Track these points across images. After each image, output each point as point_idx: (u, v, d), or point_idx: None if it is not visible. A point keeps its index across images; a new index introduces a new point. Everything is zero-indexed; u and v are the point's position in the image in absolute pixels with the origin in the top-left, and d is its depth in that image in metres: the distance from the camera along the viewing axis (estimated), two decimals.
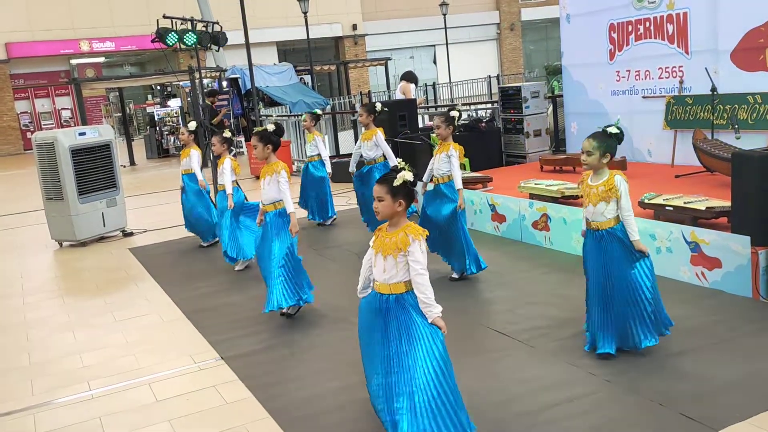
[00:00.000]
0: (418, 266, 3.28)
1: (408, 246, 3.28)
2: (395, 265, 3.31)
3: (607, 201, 4.17)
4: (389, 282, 3.35)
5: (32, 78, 29.11)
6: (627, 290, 4.20)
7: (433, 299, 3.32)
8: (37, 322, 6.13)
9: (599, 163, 4.19)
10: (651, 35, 8.95)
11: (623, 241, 4.21)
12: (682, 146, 8.56)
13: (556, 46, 16.63)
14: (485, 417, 3.69)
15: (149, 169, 18.18)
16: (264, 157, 5.43)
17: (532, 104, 10.56)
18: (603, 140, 4.18)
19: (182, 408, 4.17)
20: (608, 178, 4.19)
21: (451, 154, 5.87)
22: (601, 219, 4.22)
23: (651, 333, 4.24)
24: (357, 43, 33.52)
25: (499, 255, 6.83)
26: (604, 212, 4.20)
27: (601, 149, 4.16)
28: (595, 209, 4.22)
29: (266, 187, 5.43)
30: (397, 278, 3.33)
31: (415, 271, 3.28)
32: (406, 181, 3.31)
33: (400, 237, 3.31)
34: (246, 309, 5.86)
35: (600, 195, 4.18)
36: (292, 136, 15.02)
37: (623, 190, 4.14)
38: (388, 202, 3.32)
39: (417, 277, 3.29)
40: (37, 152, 8.95)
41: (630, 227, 4.19)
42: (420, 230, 3.33)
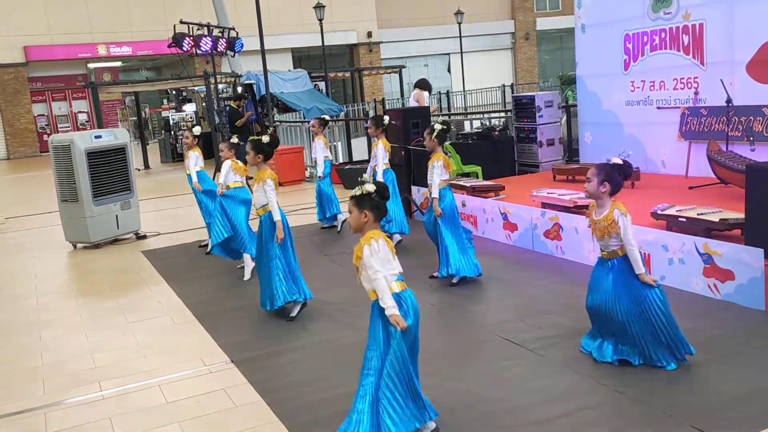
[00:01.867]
0: (370, 271, 3.41)
1: (361, 251, 3.44)
2: (363, 272, 3.47)
3: (609, 236, 4.21)
4: (369, 288, 3.49)
5: (50, 81, 29.40)
6: (639, 309, 4.20)
7: (387, 299, 3.39)
8: (50, 323, 6.18)
9: (597, 191, 4.22)
10: (666, 46, 8.93)
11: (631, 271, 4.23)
12: (697, 157, 8.52)
13: (570, 55, 16.58)
14: (494, 425, 3.69)
15: (163, 173, 18.29)
16: (254, 164, 5.70)
17: (546, 113, 10.56)
18: (603, 169, 4.21)
19: (192, 410, 4.19)
20: (608, 212, 4.20)
21: (434, 164, 6.11)
22: (609, 249, 4.28)
23: (669, 356, 4.21)
24: (371, 50, 33.63)
25: (511, 263, 6.82)
26: (610, 244, 4.25)
27: (600, 177, 4.19)
28: (602, 242, 4.29)
29: (256, 193, 5.71)
30: (369, 285, 3.47)
31: (369, 275, 3.43)
32: (368, 192, 3.42)
33: (357, 246, 3.48)
34: (257, 313, 5.88)
35: (602, 230, 4.23)
36: (306, 142, 15.09)
37: (622, 224, 4.15)
38: (355, 214, 3.49)
39: (373, 282, 3.42)
40: (53, 154, 9.04)
41: (634, 261, 4.20)
42: (372, 234, 3.44)
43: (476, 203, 8.07)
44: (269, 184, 5.59)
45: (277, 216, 5.61)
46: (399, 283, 3.48)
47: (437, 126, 6.15)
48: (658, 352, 4.20)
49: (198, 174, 8.14)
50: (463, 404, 3.79)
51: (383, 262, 3.42)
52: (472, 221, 8.10)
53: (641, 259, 4.24)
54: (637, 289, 4.21)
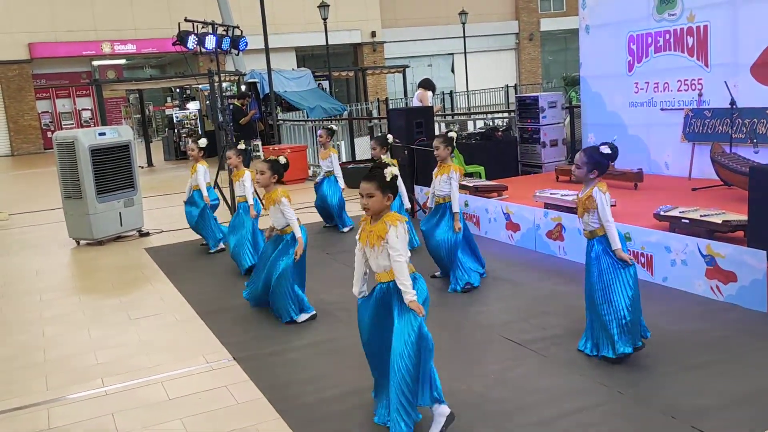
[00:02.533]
0: (394, 252, 3.45)
1: (386, 232, 3.45)
2: (382, 252, 3.50)
3: (588, 212, 4.33)
4: (386, 270, 3.53)
5: (54, 78, 29.48)
6: (606, 293, 4.30)
7: (408, 285, 3.45)
8: (53, 319, 6.20)
9: (586, 177, 4.34)
10: (671, 47, 8.92)
11: (608, 249, 4.32)
12: (700, 159, 8.52)
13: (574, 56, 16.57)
14: (496, 425, 3.69)
15: (167, 171, 18.32)
16: (266, 184, 5.56)
17: (549, 114, 10.56)
18: (592, 156, 4.32)
19: (194, 407, 4.20)
20: (588, 189, 4.33)
21: (451, 176, 6.00)
22: (588, 228, 4.40)
23: (626, 341, 4.27)
24: (375, 50, 33.64)
25: (513, 264, 6.82)
26: (589, 222, 4.37)
27: (589, 165, 4.30)
28: (583, 219, 4.42)
29: (273, 215, 5.60)
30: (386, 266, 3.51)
31: (392, 256, 3.46)
32: (393, 177, 3.50)
33: (380, 226, 3.50)
34: (259, 311, 5.89)
35: (582, 205, 4.36)
36: (309, 141, 15.11)
37: (599, 200, 4.26)
38: (379, 197, 3.50)
39: (393, 264, 3.47)
40: (57, 151, 9.06)
41: (610, 236, 4.30)
42: (397, 217, 3.50)
43: (479, 203, 8.07)
44: (284, 203, 5.47)
45: (298, 233, 5.51)
46: (411, 266, 3.55)
47: (452, 134, 6.06)
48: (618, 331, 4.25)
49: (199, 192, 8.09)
50: (466, 404, 3.80)
51: (406, 246, 3.49)
52: (475, 221, 8.10)
53: (619, 236, 4.31)
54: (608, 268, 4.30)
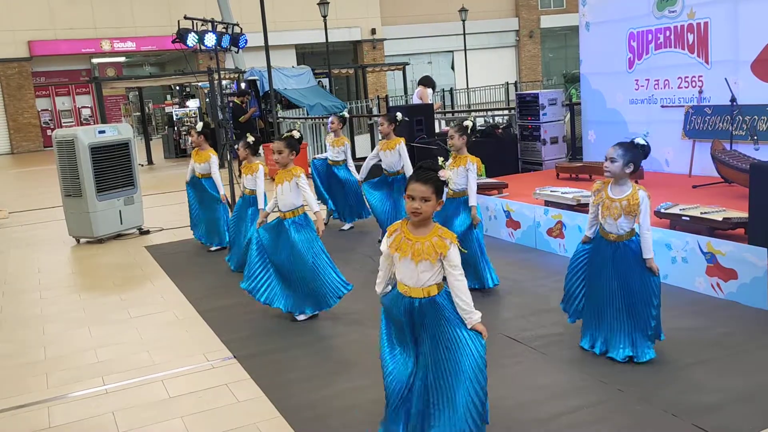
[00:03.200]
0: (457, 272, 3.21)
1: (447, 250, 3.18)
2: (430, 268, 3.21)
3: (628, 217, 4.16)
4: (424, 285, 3.23)
5: (53, 76, 29.45)
6: (645, 293, 4.22)
7: (472, 305, 3.25)
8: (54, 317, 6.20)
9: (622, 171, 4.17)
10: (671, 44, 8.91)
11: (638, 254, 4.22)
12: (700, 156, 8.51)
13: (574, 53, 16.57)
14: (497, 423, 3.69)
15: (167, 169, 18.32)
16: (286, 163, 5.37)
17: (550, 112, 10.54)
18: (629, 150, 4.17)
19: (194, 405, 4.20)
20: (632, 192, 4.15)
21: (468, 168, 5.74)
22: (620, 231, 4.22)
23: (650, 346, 4.27)
24: (375, 47, 33.62)
25: (514, 262, 6.82)
26: (621, 226, 4.20)
27: (626, 158, 4.14)
28: (616, 223, 4.21)
29: (285, 193, 5.37)
30: (432, 281, 3.23)
31: (453, 276, 3.22)
32: (444, 180, 3.21)
33: (435, 241, 3.19)
34: (260, 309, 5.89)
35: (623, 209, 4.16)
36: (309, 138, 15.10)
37: (644, 207, 4.12)
38: (433, 202, 3.18)
39: (456, 283, 3.22)
40: (57, 149, 9.06)
41: (646, 245, 4.17)
42: (453, 234, 3.26)
43: (479, 201, 8.03)
44: (303, 179, 5.31)
45: (315, 207, 5.35)
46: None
47: (468, 123, 5.79)
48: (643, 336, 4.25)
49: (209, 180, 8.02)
50: None
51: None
52: None
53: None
54: (642, 270, 4.21)
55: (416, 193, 3.17)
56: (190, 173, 8.21)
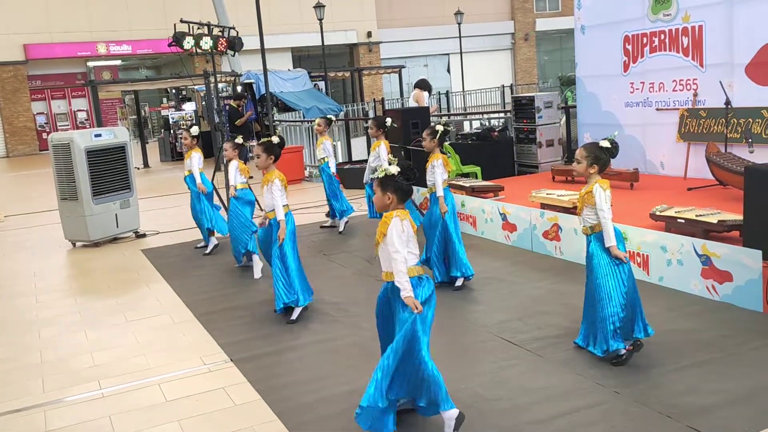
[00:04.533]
0: (391, 248, 3.52)
1: (386, 227, 3.53)
2: (384, 250, 3.59)
3: (586, 207, 4.37)
4: (387, 270, 3.61)
5: (49, 79, 29.38)
6: (600, 290, 4.34)
7: (403, 281, 3.49)
8: (50, 321, 6.19)
9: (586, 171, 4.38)
10: (666, 48, 8.95)
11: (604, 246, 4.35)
12: (695, 159, 8.55)
13: (570, 56, 16.62)
14: (493, 425, 3.70)
15: (163, 172, 18.30)
16: (265, 166, 5.66)
17: (545, 114, 10.58)
18: (592, 151, 4.36)
19: (191, 409, 4.20)
20: (589, 185, 4.36)
21: (434, 164, 6.12)
22: (586, 224, 4.44)
23: (619, 338, 4.31)
24: (371, 50, 33.63)
25: (510, 264, 6.83)
26: (587, 218, 4.41)
27: (589, 159, 4.35)
28: (582, 216, 4.45)
29: (265, 195, 5.69)
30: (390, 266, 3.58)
31: (390, 253, 3.53)
32: (391, 174, 3.55)
33: (381, 224, 3.57)
34: (256, 312, 5.90)
35: (582, 200, 4.40)
36: (305, 141, 15.10)
37: (599, 196, 4.29)
38: (378, 195, 3.62)
39: (391, 261, 3.53)
40: (53, 153, 9.04)
41: (606, 232, 4.32)
42: (398, 213, 3.54)
43: (475, 204, 8.08)
44: (277, 184, 5.58)
45: (280, 216, 5.57)
46: (419, 267, 3.58)
47: (439, 128, 6.18)
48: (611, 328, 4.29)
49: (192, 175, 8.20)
50: (462, 404, 3.80)
51: (405, 243, 3.53)
52: (471, 221, 8.11)
53: (616, 234, 4.33)
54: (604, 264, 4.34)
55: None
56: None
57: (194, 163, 8.17)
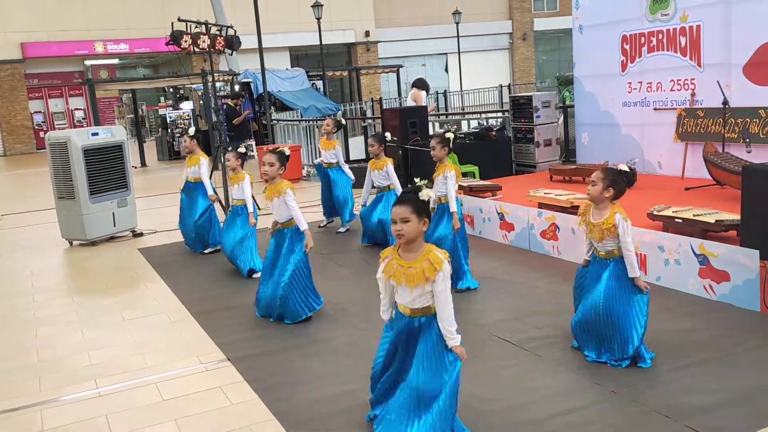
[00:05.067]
0: (442, 296, 3.28)
1: (435, 274, 3.25)
2: (423, 292, 3.31)
3: (606, 238, 4.27)
4: (423, 306, 3.36)
5: (46, 78, 29.35)
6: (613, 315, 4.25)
7: (454, 330, 3.34)
8: (46, 320, 6.17)
9: (601, 195, 4.28)
10: (663, 47, 8.95)
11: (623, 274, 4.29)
12: (693, 159, 8.55)
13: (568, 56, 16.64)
14: (490, 425, 3.70)
15: (160, 171, 18.28)
16: (274, 176, 5.50)
17: (543, 114, 10.58)
18: (610, 174, 4.27)
19: (188, 408, 4.19)
20: (608, 215, 4.26)
21: (447, 176, 5.98)
22: (605, 249, 4.33)
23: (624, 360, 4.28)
24: (369, 49, 33.64)
25: (507, 264, 6.83)
26: (607, 245, 4.31)
27: (606, 182, 4.24)
28: (600, 244, 4.34)
29: (278, 208, 5.51)
30: (429, 301, 3.34)
31: (438, 299, 3.29)
32: (428, 199, 3.26)
33: (426, 266, 3.26)
34: (253, 311, 5.88)
35: (602, 232, 4.28)
36: (303, 141, 15.09)
37: (622, 229, 4.20)
38: (414, 222, 3.21)
39: (440, 307, 3.31)
40: (50, 151, 9.02)
41: (630, 265, 4.25)
42: (443, 255, 3.29)
43: (473, 203, 8.08)
44: (290, 195, 5.42)
45: (304, 225, 5.44)
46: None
47: (449, 135, 6.05)
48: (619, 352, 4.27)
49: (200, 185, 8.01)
50: (460, 404, 3.79)
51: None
52: (469, 221, 8.11)
53: (637, 263, 4.30)
54: (630, 293, 4.28)
55: (396, 216, 3.24)
56: (184, 179, 8.25)
57: (203, 172, 7.95)
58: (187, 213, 8.16)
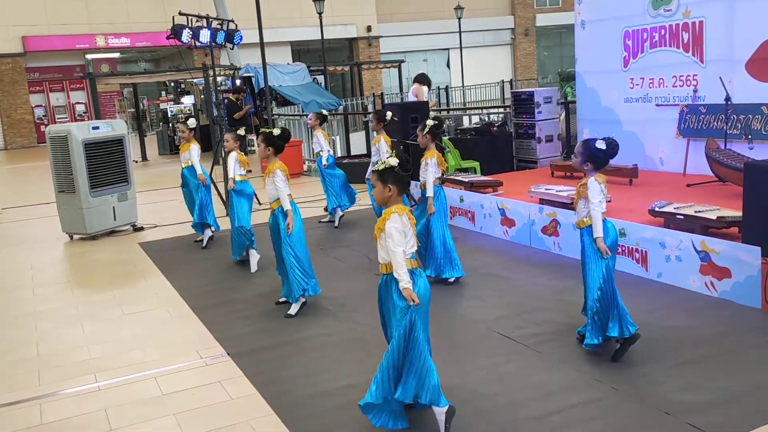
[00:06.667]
0: (390, 241, 3.49)
1: (384, 223, 3.52)
2: (383, 244, 3.56)
3: (581, 199, 4.38)
4: (384, 262, 3.60)
5: (47, 72, 29.30)
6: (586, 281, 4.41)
7: (402, 273, 3.47)
8: (46, 314, 6.17)
9: (581, 167, 4.41)
10: (666, 43, 8.92)
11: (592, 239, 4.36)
12: (695, 155, 8.53)
13: (570, 52, 16.60)
14: (490, 421, 3.69)
15: (161, 165, 18.26)
16: (264, 156, 5.68)
17: (545, 110, 10.55)
18: (587, 149, 4.35)
19: (187, 402, 4.18)
20: (585, 179, 4.38)
21: (427, 162, 6.10)
22: (579, 217, 4.44)
23: (595, 331, 4.31)
24: (371, 44, 33.55)
25: (508, 259, 6.82)
26: (580, 211, 4.42)
27: (583, 156, 4.35)
28: (577, 209, 4.46)
29: (268, 186, 5.64)
30: (387, 258, 3.57)
31: (387, 246, 3.51)
32: (391, 166, 3.52)
33: (380, 220, 3.57)
34: (253, 305, 5.88)
35: (578, 193, 4.41)
36: (304, 136, 15.07)
37: (592, 188, 4.29)
38: (379, 188, 3.57)
39: (390, 253, 3.51)
40: (50, 145, 9.01)
41: (594, 224, 4.32)
42: (397, 209, 3.52)
43: (474, 199, 8.06)
44: (279, 175, 5.53)
45: (286, 206, 5.52)
46: (413, 261, 3.57)
47: (429, 122, 6.14)
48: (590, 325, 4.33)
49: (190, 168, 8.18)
50: (459, 400, 3.79)
51: (403, 237, 3.52)
52: (470, 217, 8.10)
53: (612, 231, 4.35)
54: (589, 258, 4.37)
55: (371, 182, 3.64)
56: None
57: (194, 155, 8.19)
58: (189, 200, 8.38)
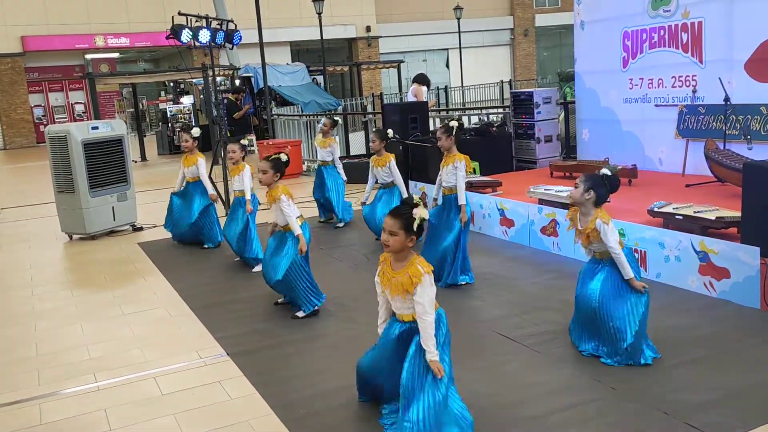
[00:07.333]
0: (420, 308, 3.32)
1: (414, 287, 3.31)
2: (406, 300, 3.40)
3: (594, 241, 4.28)
4: (409, 313, 3.44)
5: (47, 72, 29.30)
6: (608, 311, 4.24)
7: (431, 345, 3.34)
8: (45, 314, 6.17)
9: (581, 198, 4.27)
10: (665, 44, 8.93)
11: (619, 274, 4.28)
12: (694, 156, 8.54)
13: (569, 52, 16.64)
14: (489, 421, 3.69)
15: (160, 165, 18.25)
16: (269, 183, 5.49)
17: (544, 110, 10.56)
18: (591, 179, 4.26)
19: (187, 402, 4.18)
20: (590, 222, 4.26)
21: (457, 166, 5.89)
22: (599, 250, 4.34)
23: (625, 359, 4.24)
24: (370, 44, 33.57)
25: (507, 259, 6.82)
26: (599, 247, 4.32)
27: (586, 185, 4.24)
28: (591, 246, 4.35)
29: (276, 213, 5.51)
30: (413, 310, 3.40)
31: (418, 313, 3.34)
32: (423, 219, 3.30)
33: (405, 279, 3.33)
34: (253, 306, 5.88)
35: (587, 238, 4.31)
36: (303, 136, 15.08)
37: (602, 231, 4.18)
38: (401, 237, 3.31)
39: (420, 321, 3.34)
40: (49, 145, 9.00)
41: (621, 267, 4.23)
42: (423, 269, 3.33)
43: (473, 199, 8.05)
44: (284, 200, 5.38)
45: (297, 230, 5.41)
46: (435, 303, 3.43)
47: (453, 123, 5.92)
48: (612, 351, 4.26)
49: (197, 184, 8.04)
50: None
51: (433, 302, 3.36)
52: (469, 217, 8.09)
53: (631, 264, 4.26)
54: (626, 292, 4.26)
55: (386, 226, 3.34)
56: (180, 182, 8.22)
57: (202, 171, 7.96)
58: (180, 215, 8.20)
